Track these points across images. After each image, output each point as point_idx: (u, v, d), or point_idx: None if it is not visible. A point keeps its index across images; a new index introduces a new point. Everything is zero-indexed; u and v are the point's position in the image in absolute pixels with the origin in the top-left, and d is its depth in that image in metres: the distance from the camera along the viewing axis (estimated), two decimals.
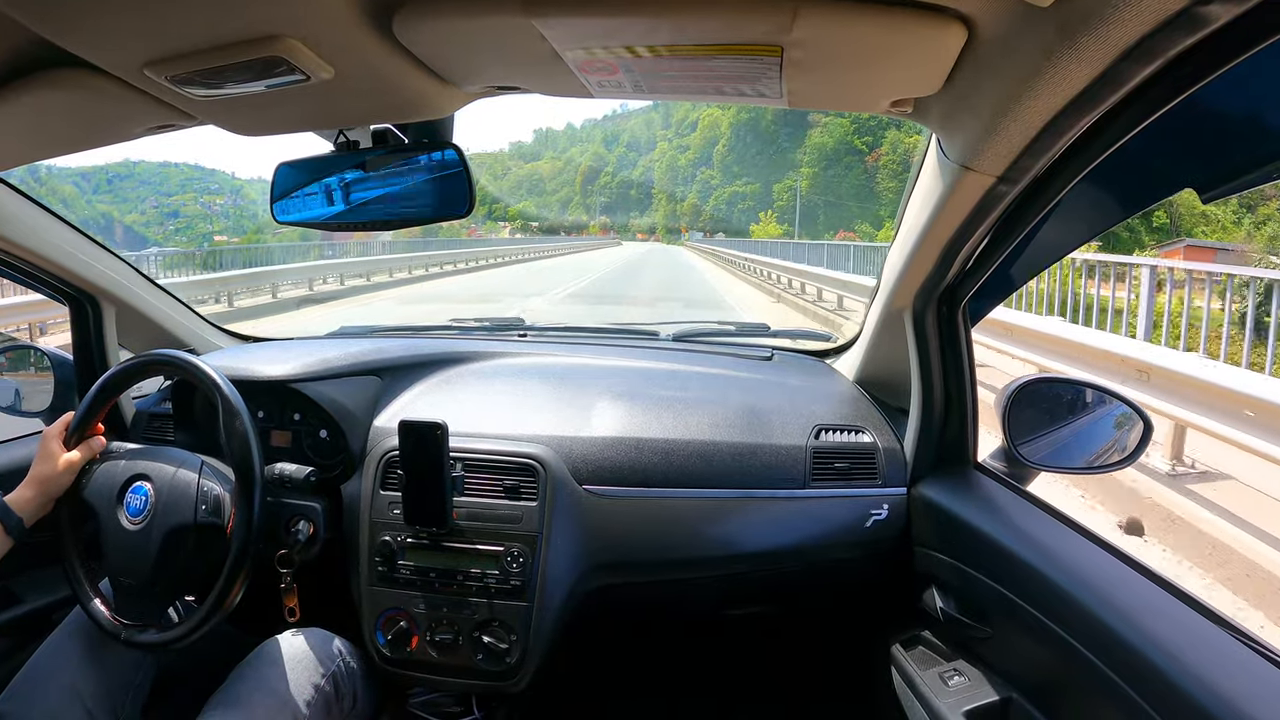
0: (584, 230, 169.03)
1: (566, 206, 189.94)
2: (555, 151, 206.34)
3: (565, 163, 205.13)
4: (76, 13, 0.82)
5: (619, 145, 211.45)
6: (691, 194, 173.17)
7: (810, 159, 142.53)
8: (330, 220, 1.37)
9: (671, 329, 2.42)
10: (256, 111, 1.13)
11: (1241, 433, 5.01)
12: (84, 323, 1.96)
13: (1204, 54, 0.72)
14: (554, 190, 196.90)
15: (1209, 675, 0.96)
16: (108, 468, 1.47)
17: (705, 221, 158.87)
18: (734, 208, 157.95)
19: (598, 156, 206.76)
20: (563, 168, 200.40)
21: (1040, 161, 1.02)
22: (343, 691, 1.48)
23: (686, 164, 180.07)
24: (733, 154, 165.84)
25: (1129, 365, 6.19)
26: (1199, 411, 5.37)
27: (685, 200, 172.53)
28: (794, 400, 1.88)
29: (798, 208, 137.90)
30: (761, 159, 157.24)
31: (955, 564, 1.53)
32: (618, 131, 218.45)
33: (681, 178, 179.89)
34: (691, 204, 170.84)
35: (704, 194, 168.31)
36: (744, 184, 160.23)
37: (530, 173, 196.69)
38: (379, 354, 1.91)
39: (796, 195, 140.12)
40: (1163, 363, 5.80)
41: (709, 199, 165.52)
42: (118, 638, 1.40)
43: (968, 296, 1.50)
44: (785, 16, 0.78)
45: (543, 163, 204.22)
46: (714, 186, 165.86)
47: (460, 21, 0.86)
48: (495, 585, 1.58)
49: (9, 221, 1.65)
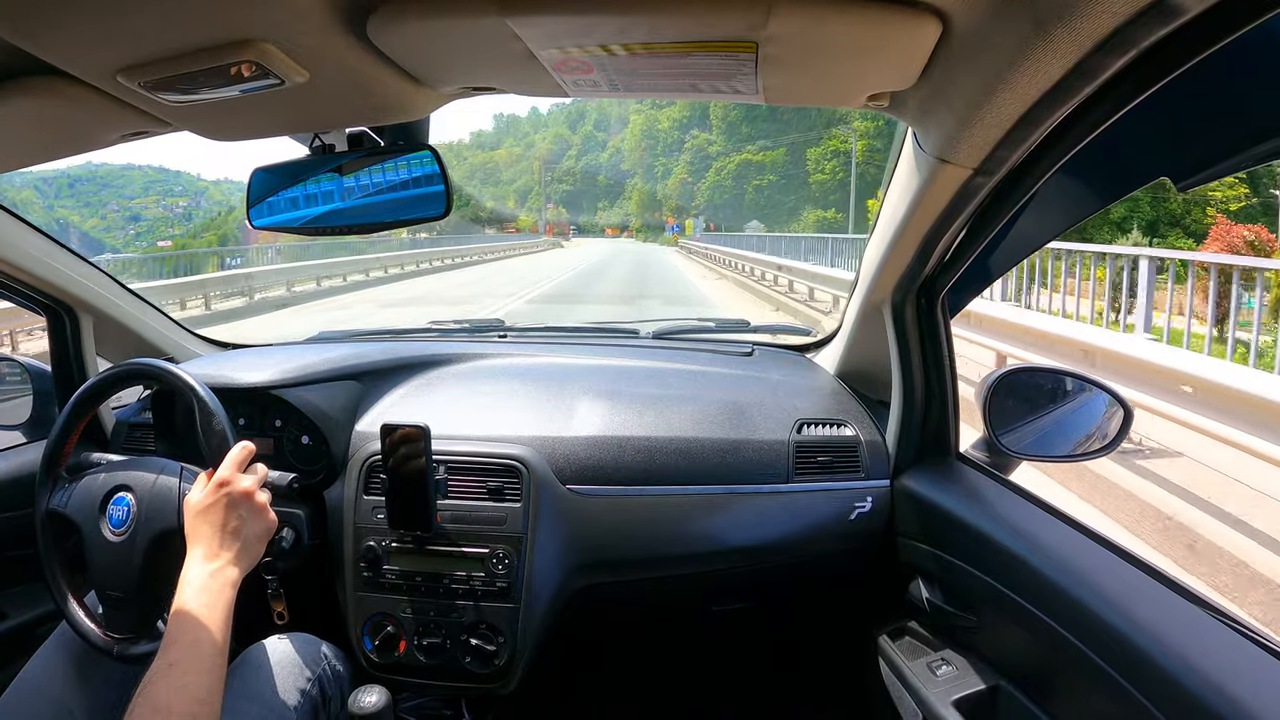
0: (510, 225, 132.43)
1: (525, 197, 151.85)
2: (516, 138, 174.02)
3: (525, 149, 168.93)
4: (49, 19, 0.81)
5: (585, 124, 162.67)
6: (679, 167, 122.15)
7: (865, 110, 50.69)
8: (307, 224, 1.36)
9: (652, 326, 2.41)
10: (231, 116, 1.12)
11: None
12: (61, 333, 1.94)
13: (1177, 45, 0.73)
14: (511, 180, 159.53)
15: (1192, 656, 0.97)
16: (88, 481, 1.45)
17: (700, 207, 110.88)
18: (744, 184, 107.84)
19: (559, 139, 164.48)
20: (522, 154, 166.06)
21: (1016, 153, 1.02)
22: (329, 695, 1.47)
23: (670, 127, 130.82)
24: (740, 108, 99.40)
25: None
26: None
27: (671, 176, 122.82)
28: (775, 395, 1.88)
29: (852, 183, 79.19)
30: (787, 111, 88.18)
31: (940, 554, 1.54)
32: (583, 110, 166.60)
33: (664, 147, 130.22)
34: (679, 181, 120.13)
35: (699, 166, 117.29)
36: (758, 150, 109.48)
37: (485, 161, 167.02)
38: (359, 358, 1.90)
39: (850, 165, 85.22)
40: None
41: (706, 174, 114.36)
42: (110, 653, 1.38)
43: (946, 288, 1.51)
44: (760, 13, 0.78)
45: (501, 151, 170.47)
46: (712, 156, 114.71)
47: (435, 22, 0.86)
48: (481, 588, 1.58)
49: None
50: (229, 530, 1.24)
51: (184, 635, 1.11)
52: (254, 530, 1.28)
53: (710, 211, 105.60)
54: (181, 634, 1.11)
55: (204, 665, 1.09)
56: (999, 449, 1.60)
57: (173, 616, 1.13)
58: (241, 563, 1.24)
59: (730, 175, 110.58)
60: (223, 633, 1.14)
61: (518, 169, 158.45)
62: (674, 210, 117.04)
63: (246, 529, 1.27)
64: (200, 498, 1.26)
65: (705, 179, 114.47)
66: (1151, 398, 5.56)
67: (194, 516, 1.25)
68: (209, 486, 1.27)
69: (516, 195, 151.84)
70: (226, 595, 1.19)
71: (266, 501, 1.32)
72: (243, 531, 1.26)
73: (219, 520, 1.24)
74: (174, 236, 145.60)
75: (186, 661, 1.08)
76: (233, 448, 1.33)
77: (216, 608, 1.15)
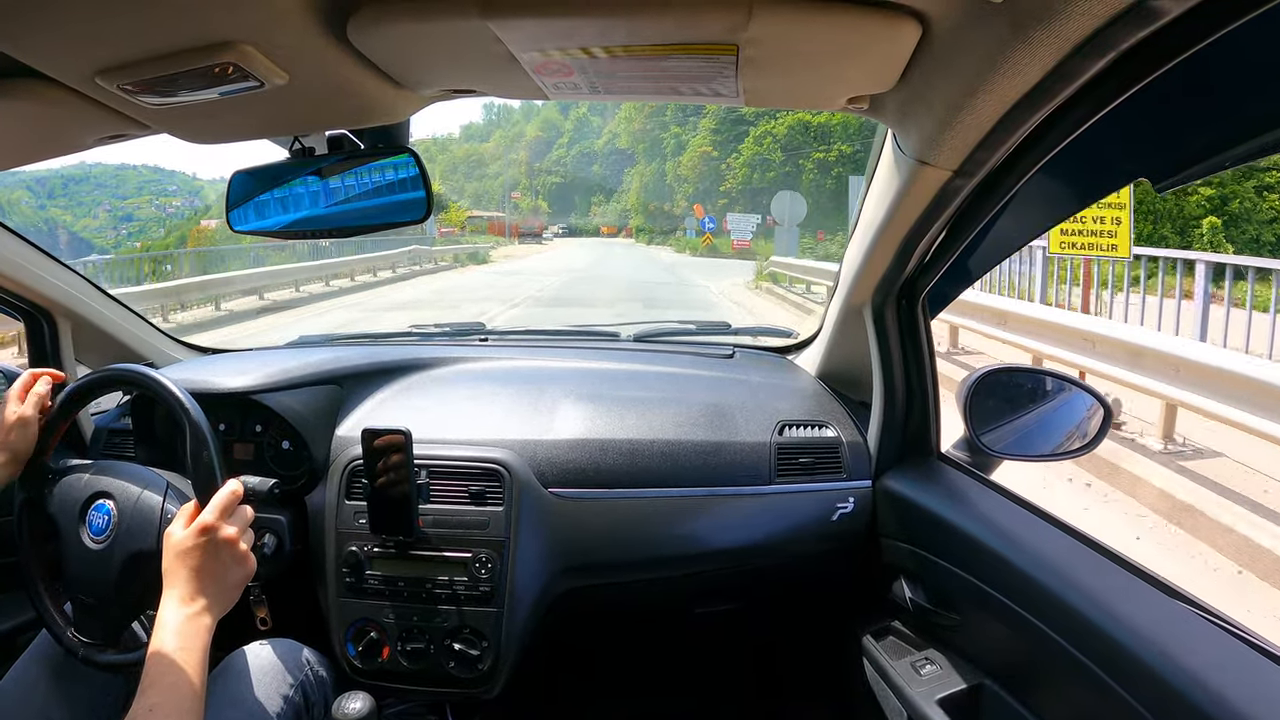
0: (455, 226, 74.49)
1: (512, 190, 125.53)
2: (507, 129, 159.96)
3: (514, 139, 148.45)
4: (26, 21, 0.80)
5: (577, 108, 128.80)
6: (698, 137, 76.53)
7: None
8: (286, 228, 1.35)
9: (633, 329, 2.42)
10: (210, 119, 1.11)
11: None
12: (39, 338, 1.92)
13: (1155, 47, 0.73)
14: (497, 173, 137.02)
15: (1174, 652, 0.98)
16: (69, 483, 1.43)
17: (736, 193, 65.87)
18: (798, 157, 61.50)
19: (549, 125, 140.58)
20: (509, 145, 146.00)
21: (996, 155, 1.03)
22: (313, 701, 1.47)
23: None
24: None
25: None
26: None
27: (686, 151, 78.10)
28: (756, 397, 1.89)
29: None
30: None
31: (922, 554, 1.54)
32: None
33: (675, 112, 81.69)
34: (699, 157, 74.21)
35: (727, 134, 70.95)
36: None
37: (469, 153, 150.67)
38: (339, 362, 1.89)
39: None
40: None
41: (740, 145, 68.13)
42: (77, 655, 1.37)
43: (926, 289, 1.52)
44: (740, 15, 0.79)
45: (489, 144, 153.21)
46: (749, 119, 66.11)
47: (415, 25, 0.85)
48: (464, 592, 1.57)
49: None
50: (207, 576, 1.22)
51: (163, 679, 1.10)
52: (233, 578, 1.26)
53: (748, 198, 62.59)
54: (161, 677, 1.10)
55: (183, 708, 1.08)
56: (980, 448, 1.61)
57: (150, 659, 1.12)
58: (216, 609, 1.22)
59: (779, 144, 62.88)
60: (200, 676, 1.13)
61: (506, 160, 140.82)
62: (693, 197, 72.74)
63: (225, 576, 1.25)
64: (182, 538, 1.23)
65: (739, 153, 67.45)
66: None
67: (174, 557, 1.23)
68: (192, 529, 1.24)
69: (503, 189, 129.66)
70: (202, 639, 1.17)
71: (248, 549, 1.29)
72: (221, 578, 1.24)
73: (198, 565, 1.22)
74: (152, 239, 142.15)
75: (166, 705, 1.07)
76: (220, 489, 1.30)
77: (193, 651, 1.15)
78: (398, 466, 1.52)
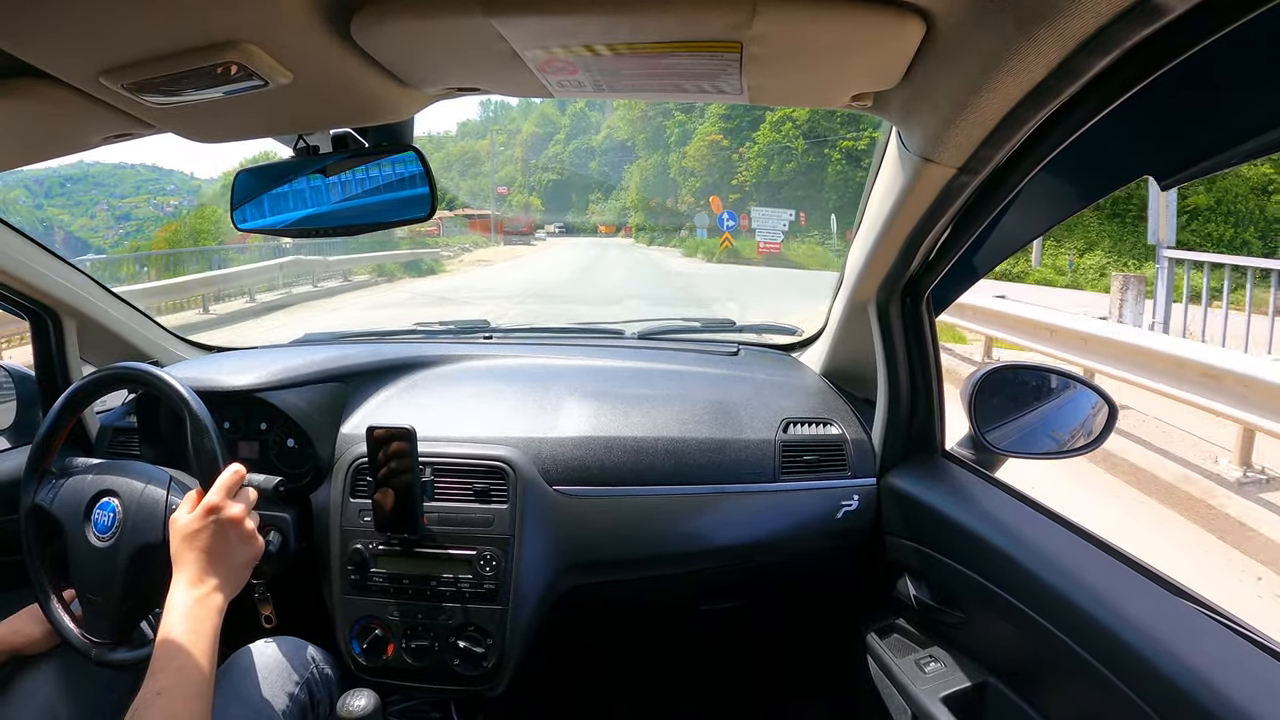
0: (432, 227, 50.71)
1: (498, 187, 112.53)
2: (503, 125, 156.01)
3: (510, 135, 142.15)
4: (30, 20, 0.80)
5: (576, 102, 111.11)
6: (706, 124, 62.37)
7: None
8: (290, 227, 1.35)
9: (637, 327, 2.41)
10: (215, 118, 1.11)
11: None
12: (44, 337, 1.92)
13: (1160, 44, 0.73)
14: (493, 171, 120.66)
15: (1179, 650, 0.98)
16: (74, 482, 1.44)
17: (750, 186, 52.35)
18: (821, 146, 48.84)
19: (545, 120, 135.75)
20: (506, 141, 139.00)
21: (1000, 152, 1.03)
22: (318, 698, 1.47)
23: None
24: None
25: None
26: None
27: (693, 140, 64.62)
28: (761, 394, 1.88)
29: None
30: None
31: (927, 551, 1.54)
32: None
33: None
34: (708, 145, 61.07)
35: (739, 121, 56.54)
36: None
37: (464, 150, 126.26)
38: (344, 360, 1.89)
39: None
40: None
41: (754, 132, 54.17)
42: (88, 656, 1.37)
43: (931, 287, 1.52)
44: (744, 13, 0.78)
45: (485, 141, 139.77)
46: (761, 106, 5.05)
47: (419, 23, 0.85)
48: (469, 590, 1.57)
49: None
50: (216, 556, 1.23)
51: (171, 662, 1.10)
52: (241, 557, 1.27)
53: (764, 193, 52.22)
54: (169, 661, 1.10)
55: (192, 691, 1.08)
56: (984, 446, 1.60)
57: (159, 643, 1.12)
58: (226, 589, 1.23)
59: (801, 130, 52.36)
60: (209, 659, 1.13)
61: (502, 157, 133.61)
62: (700, 192, 61.43)
63: (233, 556, 1.26)
64: (188, 521, 1.25)
65: (753, 140, 56.61)
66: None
67: (180, 540, 1.24)
68: (197, 511, 1.25)
69: (490, 185, 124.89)
70: (212, 621, 1.18)
71: (255, 528, 1.30)
72: (229, 558, 1.25)
73: (205, 546, 1.23)
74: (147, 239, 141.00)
75: (174, 689, 1.08)
76: (223, 471, 1.31)
77: (203, 634, 1.15)
78: (402, 463, 1.52)
